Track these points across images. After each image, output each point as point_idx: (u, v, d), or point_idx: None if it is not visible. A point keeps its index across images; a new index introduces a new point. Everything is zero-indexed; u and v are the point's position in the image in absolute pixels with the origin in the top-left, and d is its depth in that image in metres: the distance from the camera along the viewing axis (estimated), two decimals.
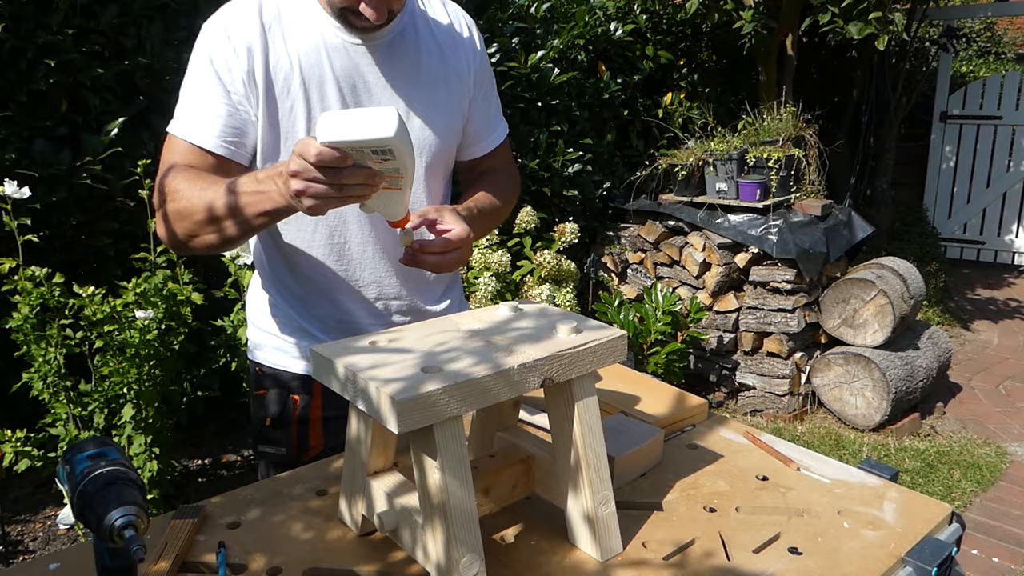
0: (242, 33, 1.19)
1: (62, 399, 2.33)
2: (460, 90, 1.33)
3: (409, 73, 1.27)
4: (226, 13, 1.21)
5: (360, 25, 1.18)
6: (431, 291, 1.42)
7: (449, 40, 1.32)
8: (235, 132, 1.20)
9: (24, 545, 2.55)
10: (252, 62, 1.18)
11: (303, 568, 0.95)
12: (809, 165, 4.05)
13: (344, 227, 1.29)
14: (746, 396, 3.94)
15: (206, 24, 1.22)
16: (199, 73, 1.21)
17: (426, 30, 1.30)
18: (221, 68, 1.18)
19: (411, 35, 1.28)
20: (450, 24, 1.34)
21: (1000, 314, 5.54)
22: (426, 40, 1.30)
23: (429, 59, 1.29)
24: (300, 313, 1.36)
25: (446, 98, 1.31)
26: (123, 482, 0.80)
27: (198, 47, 1.21)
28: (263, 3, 1.21)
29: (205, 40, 1.21)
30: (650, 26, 4.71)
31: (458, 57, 1.33)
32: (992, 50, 10.09)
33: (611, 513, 0.96)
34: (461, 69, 1.33)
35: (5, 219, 2.21)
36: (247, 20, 1.19)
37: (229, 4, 1.23)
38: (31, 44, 2.50)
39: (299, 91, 1.21)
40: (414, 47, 1.28)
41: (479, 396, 0.86)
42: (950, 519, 1.07)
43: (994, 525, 2.95)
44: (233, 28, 1.19)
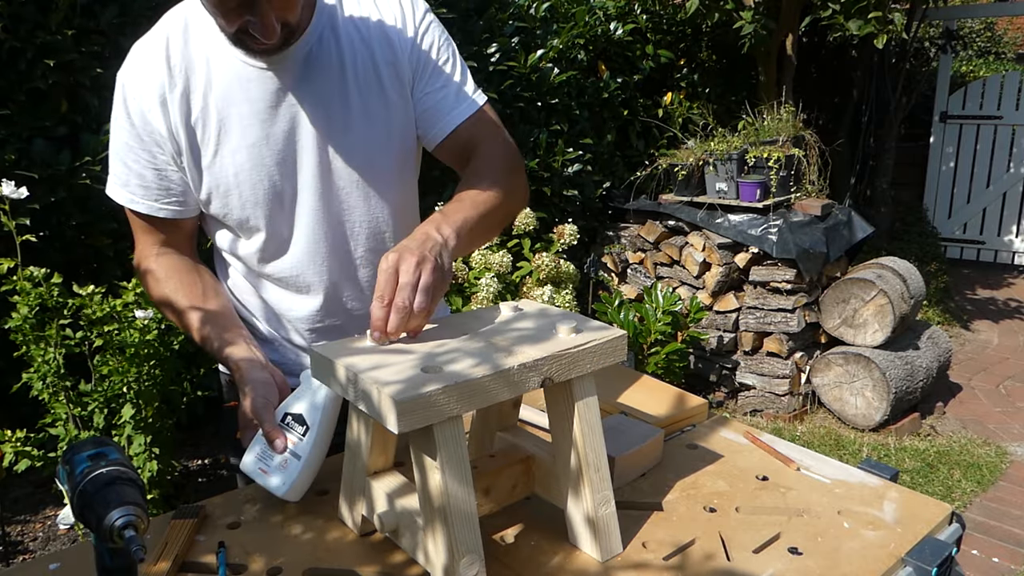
0: (154, 85, 1.13)
1: (62, 399, 2.33)
2: (399, 80, 1.22)
3: (335, 84, 1.18)
4: (134, 66, 1.15)
5: (259, 48, 1.09)
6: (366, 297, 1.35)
7: (378, 31, 1.21)
8: (168, 192, 1.19)
9: (24, 545, 2.55)
10: (168, 115, 1.14)
11: (303, 568, 0.95)
12: (809, 165, 4.05)
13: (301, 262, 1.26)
14: (746, 396, 3.94)
15: (119, 76, 1.16)
16: (122, 136, 1.17)
17: (349, 28, 1.19)
18: (142, 130, 1.15)
19: (330, 41, 1.18)
20: (377, 12, 1.22)
21: (1000, 314, 5.54)
22: (350, 40, 1.19)
23: (355, 61, 1.19)
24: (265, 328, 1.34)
25: (385, 97, 1.21)
26: (123, 482, 0.80)
27: (116, 99, 1.16)
28: (169, 42, 1.14)
29: (121, 100, 1.16)
30: (650, 26, 4.71)
31: (390, 46, 1.21)
32: (992, 50, 10.09)
33: (611, 513, 0.96)
34: (398, 57, 1.21)
35: (4, 219, 2.20)
36: (156, 68, 1.14)
37: (137, 48, 1.16)
38: (31, 44, 2.50)
39: (221, 134, 1.15)
40: (336, 54, 1.18)
41: (479, 396, 0.85)
42: (950, 519, 1.07)
43: (994, 525, 2.95)
44: (144, 84, 1.14)
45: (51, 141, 2.57)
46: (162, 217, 1.20)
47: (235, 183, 1.17)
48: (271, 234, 1.22)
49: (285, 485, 1.04)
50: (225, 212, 1.20)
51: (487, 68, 3.70)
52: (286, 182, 1.19)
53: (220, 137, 1.15)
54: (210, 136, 1.15)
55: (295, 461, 1.04)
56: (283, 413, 1.07)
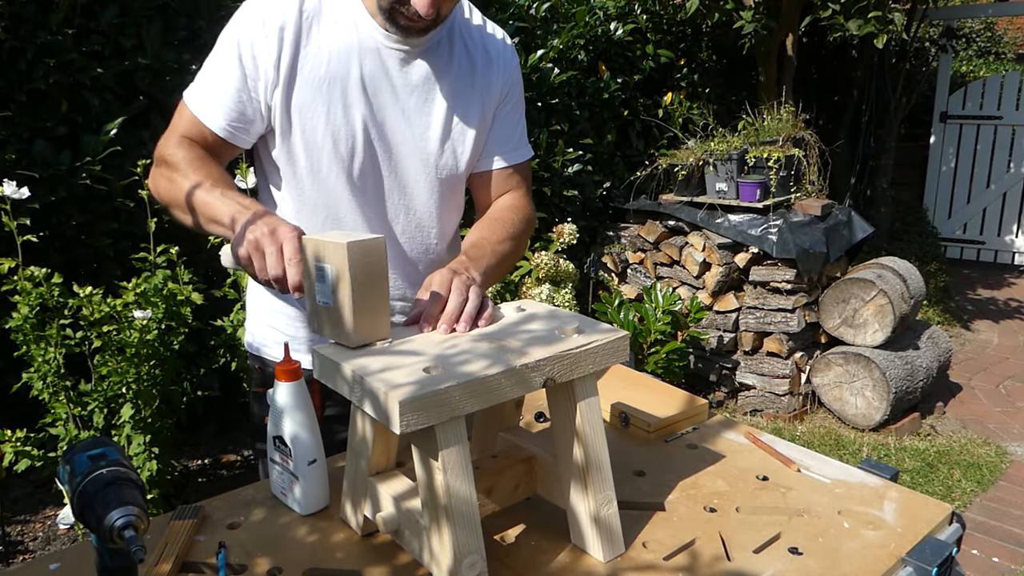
0: (278, 17, 1.18)
1: (62, 399, 2.32)
2: (486, 105, 1.34)
3: (437, 83, 1.28)
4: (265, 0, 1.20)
5: (407, 24, 1.17)
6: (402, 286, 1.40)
7: (483, 56, 1.33)
8: (241, 118, 1.22)
9: (24, 545, 2.55)
10: (281, 48, 1.19)
11: (303, 569, 0.95)
12: (809, 165, 4.05)
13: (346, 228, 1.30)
14: (746, 396, 3.94)
15: (245, 4, 1.22)
16: (225, 51, 1.21)
17: (461, 44, 1.31)
18: (246, 53, 1.19)
19: (445, 47, 1.29)
20: (486, 41, 1.34)
21: (1000, 314, 5.55)
22: (459, 54, 1.30)
23: (459, 73, 1.30)
24: (301, 312, 1.36)
25: (470, 111, 1.31)
26: (123, 482, 0.80)
27: (232, 23, 1.21)
28: None
29: (240, 19, 1.21)
30: (650, 26, 4.71)
31: (489, 73, 1.33)
32: (992, 50, 10.08)
33: (613, 513, 0.96)
34: (492, 85, 1.33)
35: (5, 219, 2.20)
36: (285, 9, 1.19)
37: None
38: (31, 44, 2.50)
39: (322, 85, 1.21)
40: (447, 59, 1.28)
41: (481, 396, 0.85)
42: (950, 519, 1.07)
43: (994, 525, 2.95)
44: (271, 12, 1.19)
45: (51, 141, 2.57)
46: (221, 136, 1.23)
47: (322, 134, 1.23)
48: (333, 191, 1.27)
49: (300, 504, 1.07)
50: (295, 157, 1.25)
51: None
52: (365, 152, 1.25)
53: (322, 88, 1.21)
54: (312, 83, 1.20)
55: (296, 480, 1.07)
56: (272, 436, 1.09)
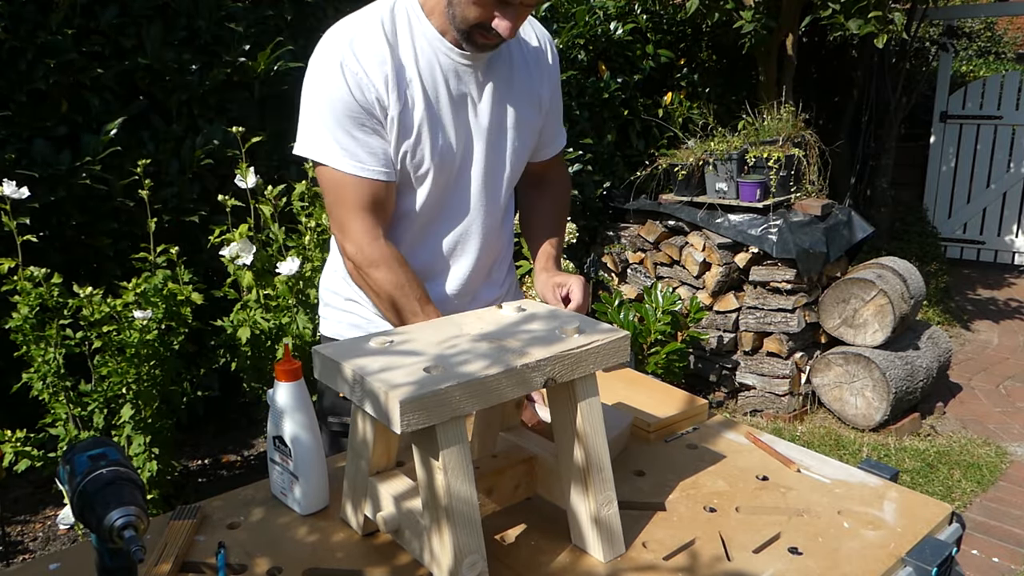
0: (377, 60, 1.20)
1: (62, 399, 2.32)
2: (539, 104, 1.40)
3: (504, 90, 1.33)
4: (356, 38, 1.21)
5: (483, 42, 1.21)
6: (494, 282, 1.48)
7: (533, 56, 1.39)
8: (387, 158, 1.25)
9: (24, 545, 2.55)
10: (388, 88, 1.21)
11: (303, 568, 0.95)
12: (809, 165, 4.05)
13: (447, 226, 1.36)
14: (746, 396, 3.94)
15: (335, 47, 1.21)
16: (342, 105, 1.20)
17: (516, 46, 1.36)
18: (362, 101, 1.20)
19: (505, 52, 1.33)
20: (531, 39, 1.39)
21: (1000, 314, 5.54)
22: (516, 57, 1.36)
23: (519, 75, 1.35)
24: None
25: (531, 112, 1.38)
26: (123, 482, 0.80)
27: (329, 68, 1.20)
28: (384, 24, 1.22)
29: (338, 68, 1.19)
30: (650, 26, 4.71)
31: (540, 72, 1.39)
32: (992, 50, 10.08)
33: (613, 513, 0.96)
34: (542, 84, 1.40)
35: (4, 219, 2.20)
36: (378, 46, 1.21)
37: (353, 27, 1.22)
38: (31, 44, 2.50)
39: (425, 110, 1.24)
40: (508, 64, 1.34)
41: (482, 396, 0.85)
42: (950, 519, 1.07)
43: (994, 525, 2.95)
44: (368, 55, 1.20)
45: (51, 141, 2.57)
46: (382, 181, 1.25)
47: (430, 157, 1.27)
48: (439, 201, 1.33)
49: (299, 504, 1.08)
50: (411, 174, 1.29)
51: None
52: (463, 164, 1.32)
53: (424, 118, 1.25)
54: (416, 115, 1.24)
55: (295, 480, 1.07)
56: (272, 436, 1.09)
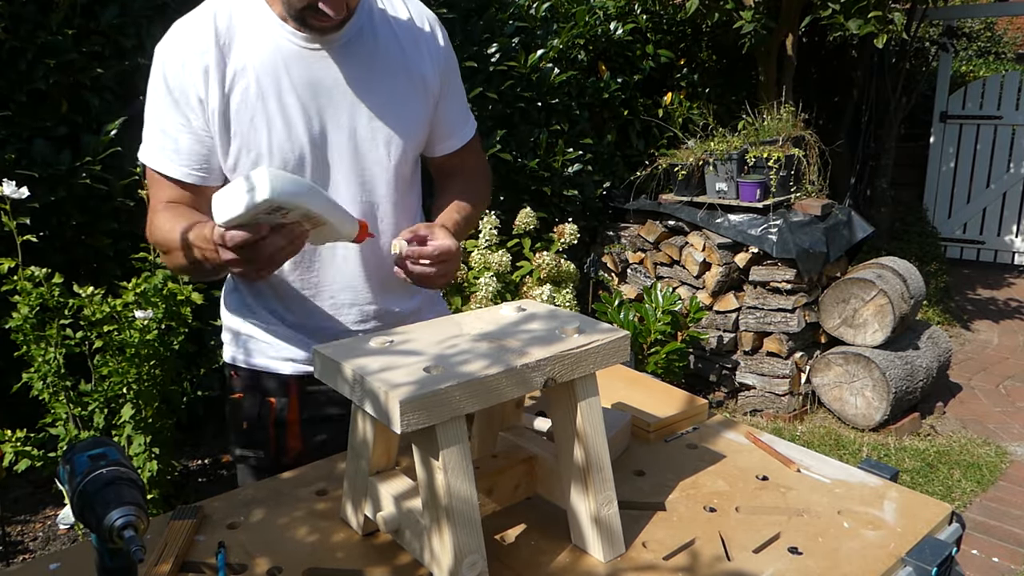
0: (196, 53, 1.18)
1: (62, 399, 2.32)
2: (423, 88, 1.32)
3: (368, 73, 1.26)
4: (179, 35, 1.21)
5: (319, 25, 1.17)
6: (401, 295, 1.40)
7: (409, 37, 1.31)
8: (201, 159, 1.23)
9: (24, 545, 2.55)
10: (208, 83, 1.19)
11: (303, 568, 0.95)
12: (809, 165, 4.05)
13: None
14: (746, 396, 3.94)
15: (159, 46, 1.22)
16: (158, 100, 1.22)
17: (385, 27, 1.29)
18: (178, 94, 1.19)
19: (369, 34, 1.27)
20: (410, 20, 1.33)
21: (1000, 314, 5.55)
22: (385, 38, 1.29)
23: (387, 57, 1.28)
24: (275, 318, 1.36)
25: (407, 94, 1.30)
26: (123, 482, 0.80)
27: (154, 71, 1.22)
28: (216, 16, 1.20)
29: (159, 65, 1.21)
30: (650, 26, 4.71)
31: (420, 54, 1.32)
32: (992, 50, 10.08)
33: (613, 513, 0.96)
34: (424, 66, 1.32)
35: (4, 219, 2.20)
36: (201, 39, 1.19)
37: (181, 22, 1.22)
38: (31, 44, 2.50)
39: (257, 103, 1.20)
40: (372, 46, 1.27)
41: (482, 396, 0.85)
42: (950, 519, 1.07)
43: (994, 525, 2.95)
44: (187, 51, 1.19)
45: (51, 141, 2.57)
46: (190, 183, 1.24)
47: (267, 153, 1.22)
48: None
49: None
50: None
51: (487, 68, 3.70)
52: (315, 158, 1.26)
53: (256, 107, 1.21)
54: (248, 105, 1.21)
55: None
56: None
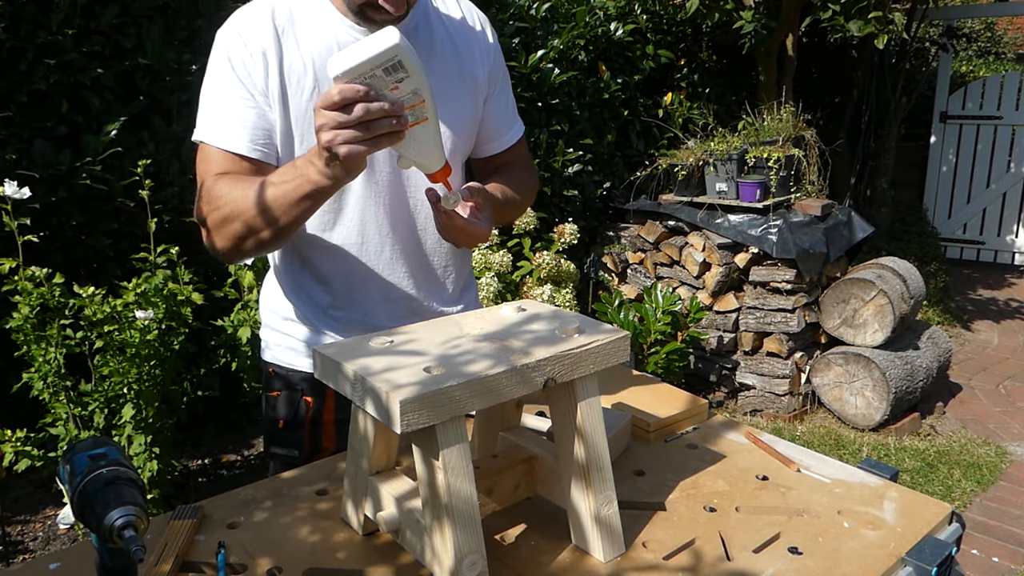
0: (256, 38, 1.19)
1: (62, 399, 2.33)
2: (474, 87, 1.34)
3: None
4: (239, 19, 1.22)
5: (379, 19, 1.17)
6: (446, 292, 1.42)
7: (462, 37, 1.33)
8: (265, 134, 1.22)
9: (24, 545, 2.55)
10: (267, 67, 1.19)
11: (303, 568, 0.95)
12: (809, 165, 4.05)
13: (363, 227, 1.30)
14: (746, 396, 3.94)
15: (220, 31, 1.23)
16: (221, 79, 1.21)
17: (440, 27, 1.31)
18: (242, 72, 1.19)
19: (424, 32, 1.28)
20: (463, 20, 1.34)
21: (1000, 314, 5.54)
22: (439, 37, 1.30)
23: (442, 56, 1.29)
24: (316, 314, 1.36)
25: (460, 94, 1.31)
26: (123, 482, 0.80)
27: (216, 54, 1.22)
28: (275, 6, 1.22)
29: (222, 46, 1.21)
30: (650, 26, 4.71)
31: (472, 54, 1.33)
32: (992, 50, 10.09)
33: (614, 513, 0.96)
34: (475, 66, 1.33)
35: (5, 219, 2.20)
36: (260, 25, 1.20)
37: (241, 10, 1.23)
38: (31, 44, 2.50)
39: (313, 92, 1.21)
40: (427, 44, 1.28)
41: (483, 396, 0.85)
42: (950, 519, 1.07)
43: (994, 525, 2.95)
44: (248, 34, 1.20)
45: (52, 141, 2.57)
46: (254, 157, 1.21)
47: None
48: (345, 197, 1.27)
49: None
50: None
51: None
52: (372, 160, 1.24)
53: (315, 96, 1.21)
54: (305, 93, 1.21)
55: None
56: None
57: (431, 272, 1.38)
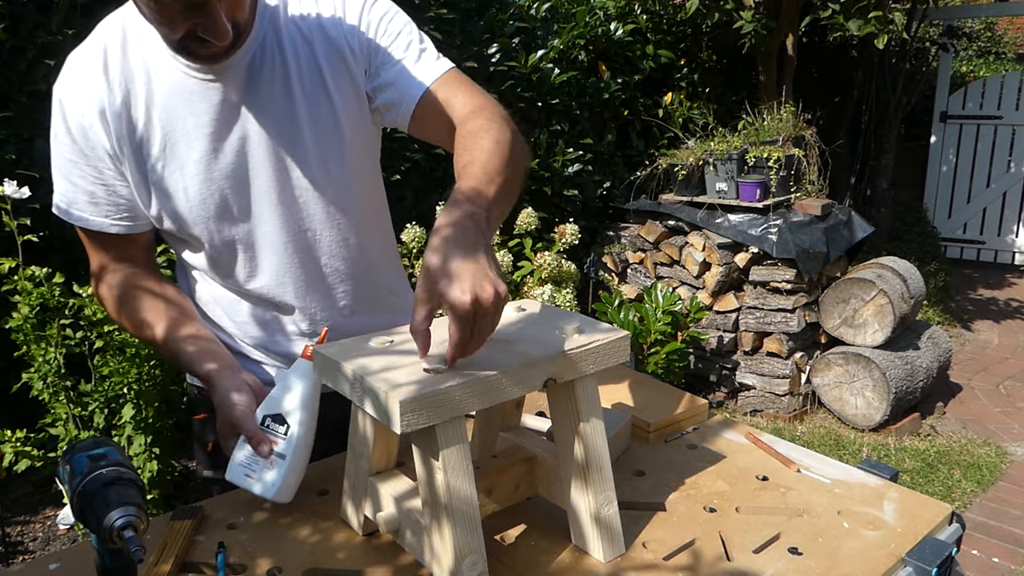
0: (92, 99, 1.09)
1: (62, 399, 2.33)
2: (348, 74, 1.16)
3: (280, 92, 1.13)
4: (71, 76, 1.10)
5: (207, 53, 1.03)
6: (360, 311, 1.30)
7: (318, 29, 1.15)
8: (119, 208, 1.15)
9: (24, 545, 2.55)
10: (110, 131, 1.10)
11: (303, 569, 0.95)
12: (809, 165, 4.05)
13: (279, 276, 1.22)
14: (746, 396, 3.94)
15: (56, 87, 1.11)
16: (65, 153, 1.12)
17: (291, 29, 1.14)
18: (84, 147, 1.11)
19: (273, 46, 1.13)
20: (316, 7, 1.16)
21: (1000, 314, 5.54)
22: (292, 42, 1.14)
23: (299, 65, 1.14)
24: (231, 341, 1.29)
25: (331, 99, 1.16)
26: (123, 482, 0.80)
27: (54, 115, 1.12)
28: (107, 52, 1.09)
29: (58, 109, 1.11)
30: (650, 26, 4.71)
31: (330, 41, 1.15)
32: (992, 50, 10.09)
33: (613, 513, 0.96)
34: (342, 50, 1.15)
35: (5, 219, 2.20)
36: (93, 82, 1.09)
37: (74, 60, 1.11)
38: (31, 44, 2.50)
39: (166, 151, 1.11)
40: (280, 59, 1.13)
41: (482, 396, 0.85)
42: (950, 519, 1.07)
43: (994, 525, 2.95)
44: (84, 99, 1.09)
45: None
46: (114, 233, 1.16)
47: (184, 199, 1.13)
48: (229, 250, 1.18)
49: (274, 487, 1.03)
50: (177, 228, 1.17)
51: (487, 68, 3.70)
52: (238, 196, 1.15)
53: (166, 152, 1.11)
54: (155, 151, 1.11)
55: (281, 462, 1.03)
56: (261, 416, 1.06)
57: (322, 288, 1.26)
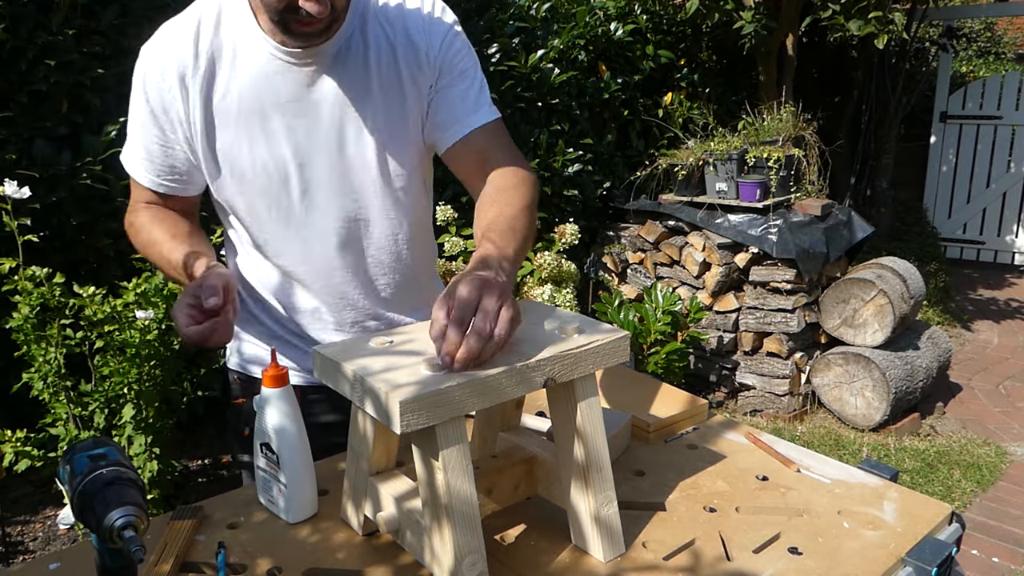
0: (176, 66, 1.15)
1: (62, 399, 2.33)
2: (418, 85, 1.23)
3: (359, 86, 1.19)
4: (161, 41, 1.17)
5: (304, 31, 1.09)
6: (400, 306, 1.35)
7: (404, 35, 1.21)
8: (172, 170, 1.22)
9: (24, 545, 2.55)
10: (187, 97, 1.16)
11: (303, 569, 0.95)
12: (809, 165, 4.05)
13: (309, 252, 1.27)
14: (746, 396, 3.94)
15: (144, 48, 1.18)
16: (137, 105, 1.19)
17: (376, 31, 1.20)
18: (156, 104, 1.17)
19: (358, 43, 1.19)
20: (406, 19, 1.22)
21: (1000, 314, 5.54)
22: (376, 44, 1.20)
23: (379, 64, 1.20)
24: (272, 325, 1.34)
25: (403, 103, 1.22)
26: (123, 482, 0.80)
27: (136, 75, 1.18)
28: (201, 25, 1.15)
29: (141, 70, 1.18)
30: (650, 26, 4.71)
31: (414, 51, 1.21)
32: (992, 50, 10.09)
33: (613, 513, 0.96)
34: (420, 60, 1.22)
35: (5, 219, 2.20)
36: (181, 49, 1.15)
37: (165, 28, 1.18)
38: (31, 44, 2.50)
39: (240, 121, 1.17)
40: (363, 56, 1.19)
41: (482, 396, 0.85)
42: (950, 519, 1.07)
43: (994, 525, 2.95)
44: (168, 61, 1.15)
45: (52, 141, 2.57)
46: (159, 192, 1.24)
47: (251, 172, 1.20)
48: (282, 225, 1.24)
49: (288, 512, 1.06)
50: (237, 199, 1.23)
51: (488, 69, 3.70)
52: (301, 177, 1.21)
53: (240, 126, 1.17)
54: (229, 123, 1.17)
55: (284, 488, 1.05)
56: (258, 444, 1.07)
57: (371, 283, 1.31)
